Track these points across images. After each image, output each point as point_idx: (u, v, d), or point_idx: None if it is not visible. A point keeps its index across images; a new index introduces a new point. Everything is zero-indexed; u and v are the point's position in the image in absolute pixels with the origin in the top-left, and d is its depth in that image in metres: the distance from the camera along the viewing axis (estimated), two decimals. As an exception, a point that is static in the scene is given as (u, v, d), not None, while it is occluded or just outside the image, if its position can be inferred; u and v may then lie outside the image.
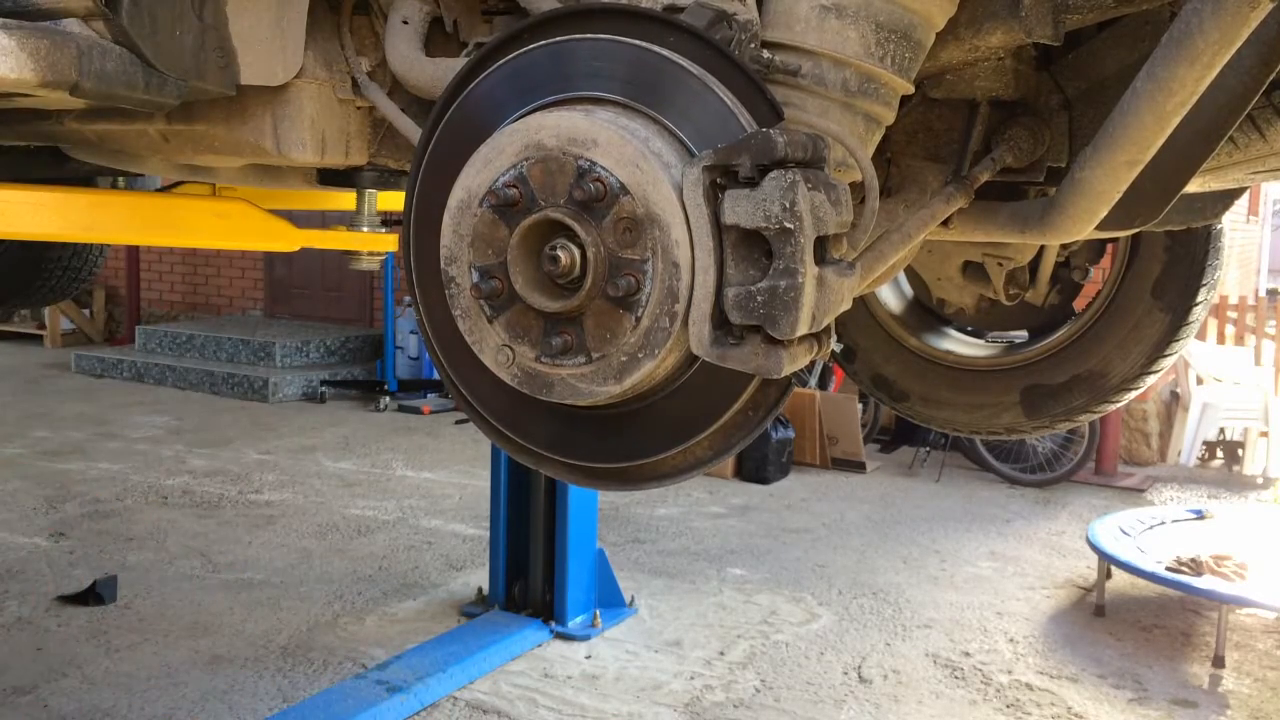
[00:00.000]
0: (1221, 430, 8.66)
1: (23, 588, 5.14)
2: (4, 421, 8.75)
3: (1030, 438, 5.78)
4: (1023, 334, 3.07)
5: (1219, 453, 8.77)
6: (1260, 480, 8.18)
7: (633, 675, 4.42)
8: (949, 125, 1.81)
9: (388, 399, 9.67)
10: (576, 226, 1.21)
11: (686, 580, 5.55)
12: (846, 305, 1.22)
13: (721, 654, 4.66)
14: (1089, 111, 1.77)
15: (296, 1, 1.67)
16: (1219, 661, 4.70)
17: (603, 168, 1.19)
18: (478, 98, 1.34)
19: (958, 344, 3.09)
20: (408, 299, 11.74)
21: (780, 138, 1.13)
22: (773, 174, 1.12)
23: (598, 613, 4.87)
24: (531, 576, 4.91)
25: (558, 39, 1.29)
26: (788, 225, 1.11)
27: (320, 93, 1.78)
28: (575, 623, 4.81)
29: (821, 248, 1.18)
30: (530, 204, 1.24)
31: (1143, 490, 7.78)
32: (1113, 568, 5.27)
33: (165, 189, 3.14)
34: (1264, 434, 8.36)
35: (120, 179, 3.15)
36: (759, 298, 1.14)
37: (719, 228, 1.17)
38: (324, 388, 9.97)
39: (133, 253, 12.91)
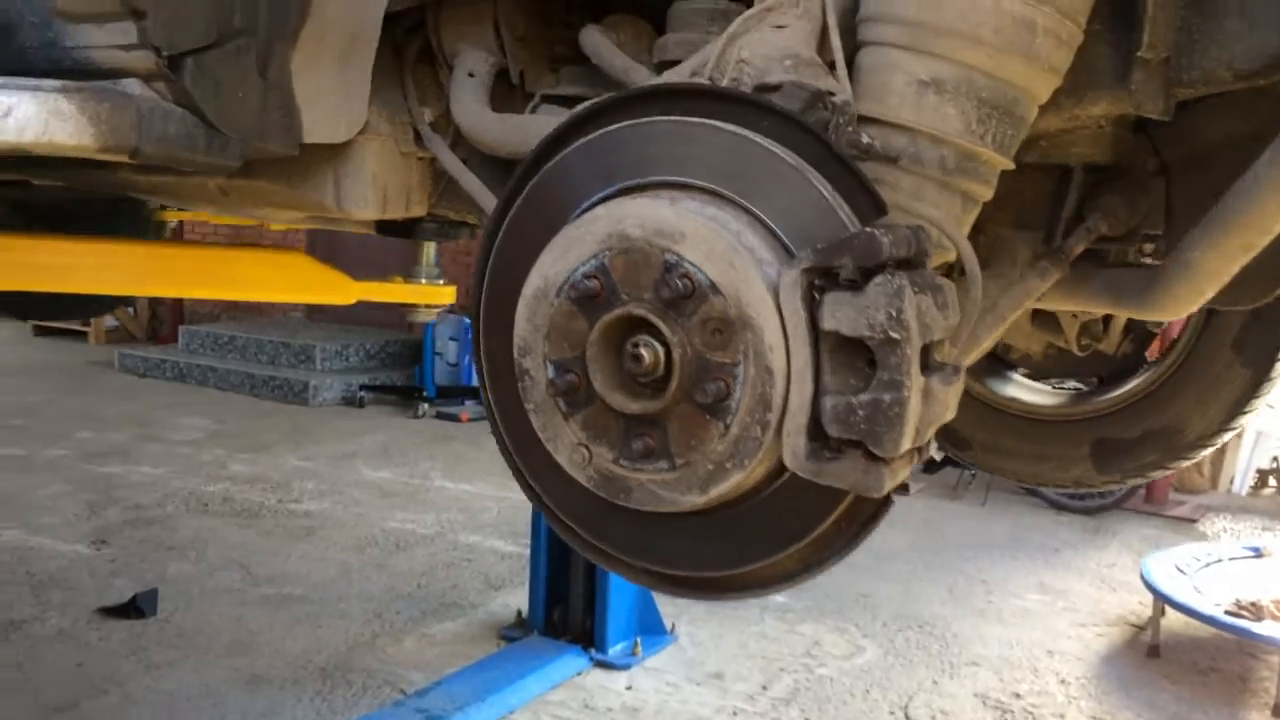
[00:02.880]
0: (1275, 458, 8.45)
1: (64, 598, 5.14)
2: (50, 419, 8.81)
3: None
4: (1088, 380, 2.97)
5: (1271, 480, 8.56)
6: (1317, 512, 7.97)
7: (674, 709, 4.34)
8: (1039, 191, 1.71)
9: (426, 405, 9.64)
10: (662, 325, 1.13)
11: (727, 606, 5.46)
12: (951, 415, 1.14)
13: (764, 688, 4.57)
14: (1190, 179, 1.68)
15: (362, 54, 1.61)
16: (1279, 710, 4.55)
17: (691, 263, 1.12)
18: (556, 175, 1.27)
19: (1023, 391, 2.98)
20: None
21: (885, 239, 1.05)
22: (878, 279, 1.04)
23: (638, 640, 4.79)
24: (572, 601, 4.84)
25: (643, 119, 1.21)
26: (894, 335, 1.03)
27: (383, 148, 1.71)
28: (615, 650, 4.73)
29: (926, 353, 1.10)
30: (612, 297, 1.17)
31: (1194, 520, 7.60)
32: (1167, 607, 5.13)
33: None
34: (1321, 463, 8.15)
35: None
36: (860, 411, 1.06)
37: (816, 333, 1.08)
38: (363, 392, 9.97)
39: (177, 251, 12.98)
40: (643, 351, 1.14)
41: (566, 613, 4.85)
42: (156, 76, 1.39)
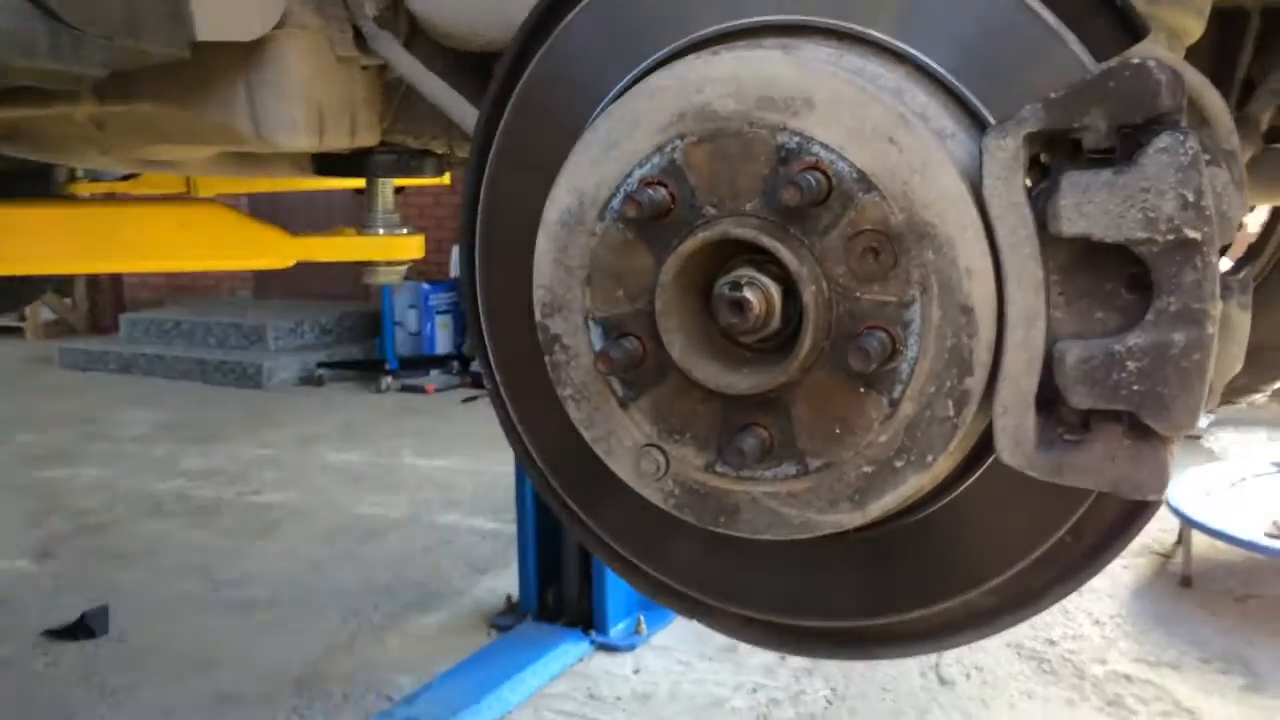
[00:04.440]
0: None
1: (6, 622, 4.67)
2: (-15, 425, 8.25)
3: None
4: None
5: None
6: (1319, 419, 7.74)
7: (688, 692, 3.97)
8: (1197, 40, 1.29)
9: (389, 379, 9.17)
10: (781, 249, 0.71)
11: (732, 571, 5.09)
12: (1240, 362, 0.73)
13: (782, 659, 4.20)
14: None
15: (268, -85, 1.15)
16: (1331, 636, 4.27)
17: (824, 145, 0.69)
18: (579, 37, 0.83)
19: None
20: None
21: (1162, 75, 0.62)
22: (1161, 140, 0.62)
23: (641, 617, 4.41)
24: (566, 579, 4.45)
25: None
26: (1190, 234, 0.62)
27: (313, 48, 1.25)
28: (618, 630, 4.35)
29: (1211, 264, 0.68)
30: (690, 214, 0.74)
31: (1197, 436, 7.33)
32: (1195, 532, 4.84)
33: (125, 178, 2.63)
34: (1316, 368, 7.90)
35: (79, 169, 2.64)
36: (1131, 364, 0.64)
37: (1043, 242, 0.66)
38: (321, 370, 9.48)
39: (111, 236, 12.32)
40: (747, 295, 0.71)
41: (561, 593, 4.46)
42: (-39, -58, 0.93)
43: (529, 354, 0.84)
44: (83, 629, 4.47)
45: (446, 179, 3.69)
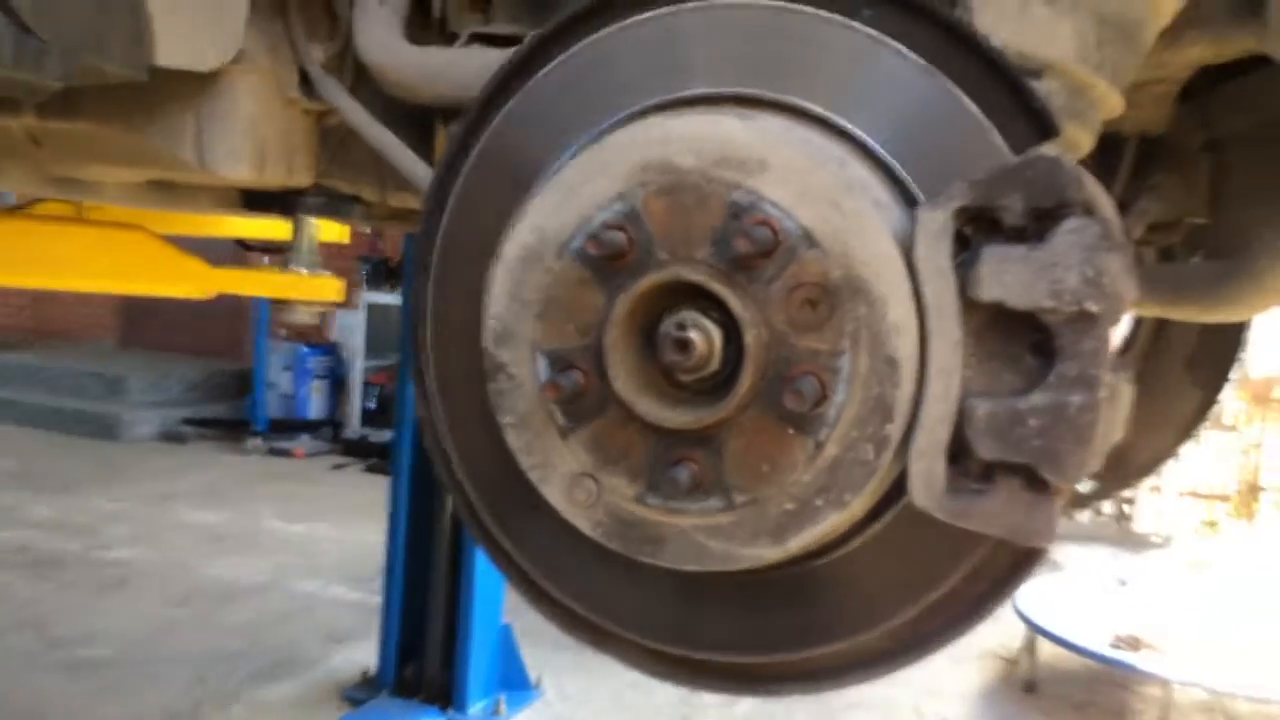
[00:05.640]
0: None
1: None
2: None
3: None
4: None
5: (1102, 508, 8.73)
6: (1157, 539, 8.16)
7: (547, 774, 3.92)
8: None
9: (257, 440, 8.92)
10: (728, 294, 0.77)
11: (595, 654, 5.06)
12: (1121, 431, 0.81)
13: (642, 745, 4.20)
14: (1246, 157, 1.42)
15: (234, -47, 1.19)
16: (1162, 746, 4.47)
17: (774, 203, 0.76)
18: (546, 95, 0.89)
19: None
20: (282, 330, 10.56)
21: (1072, 168, 0.72)
22: (1070, 224, 0.71)
23: (502, 697, 4.35)
24: (428, 655, 4.36)
25: (678, 6, 0.85)
26: (1091, 308, 0.70)
27: (262, 86, 1.29)
28: (476, 709, 4.27)
29: (1103, 340, 0.77)
30: (644, 258, 0.80)
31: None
32: (1040, 640, 5.02)
33: (19, 208, 2.55)
34: (1155, 489, 8.35)
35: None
36: (1032, 421, 0.72)
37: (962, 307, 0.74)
38: (185, 427, 9.16)
39: (-32, 273, 11.77)
40: (691, 335, 0.77)
41: (421, 668, 4.36)
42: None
43: (471, 387, 0.89)
44: (-98, 680, 4.18)
45: (346, 235, 3.68)
